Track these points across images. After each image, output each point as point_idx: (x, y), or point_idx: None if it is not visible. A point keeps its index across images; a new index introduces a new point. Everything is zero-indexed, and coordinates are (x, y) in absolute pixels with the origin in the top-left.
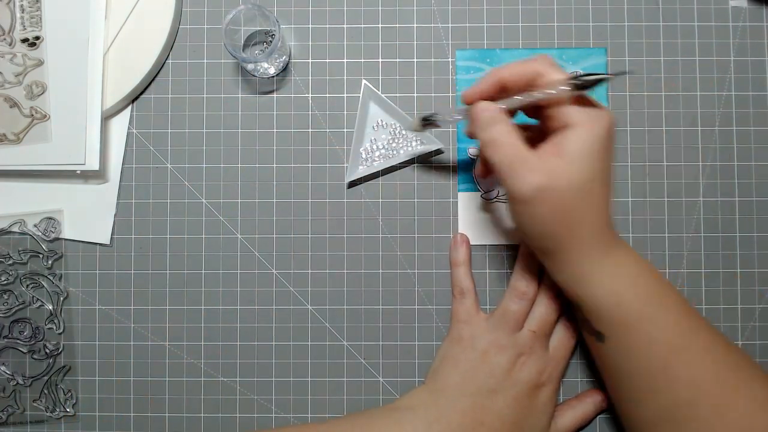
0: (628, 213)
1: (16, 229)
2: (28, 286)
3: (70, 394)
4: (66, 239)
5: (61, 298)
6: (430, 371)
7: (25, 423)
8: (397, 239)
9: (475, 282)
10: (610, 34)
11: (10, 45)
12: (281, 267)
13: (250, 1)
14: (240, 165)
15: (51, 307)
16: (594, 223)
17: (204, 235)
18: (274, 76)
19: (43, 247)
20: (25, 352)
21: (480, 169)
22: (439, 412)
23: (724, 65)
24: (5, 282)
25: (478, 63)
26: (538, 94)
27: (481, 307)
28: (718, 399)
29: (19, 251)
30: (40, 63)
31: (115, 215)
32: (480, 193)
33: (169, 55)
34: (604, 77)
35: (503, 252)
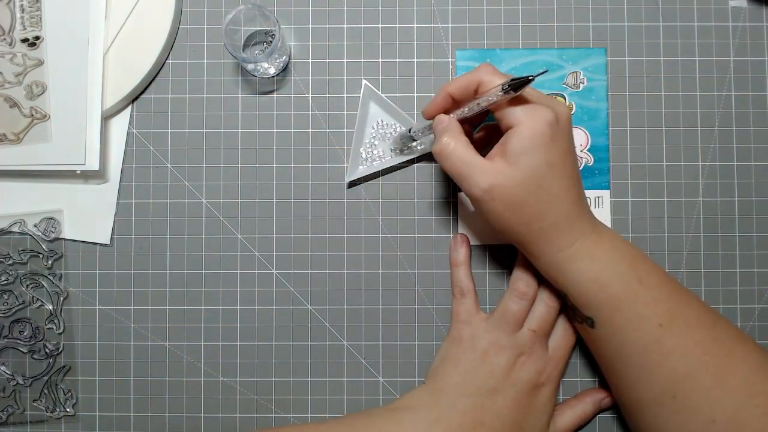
0: (628, 213)
1: (16, 229)
2: (28, 286)
3: (70, 394)
4: (66, 239)
5: (61, 298)
6: (430, 371)
7: (25, 423)
8: (397, 239)
9: (475, 282)
10: (610, 34)
11: (10, 45)
12: (281, 267)
13: (250, 1)
14: (240, 165)
15: (51, 307)
16: (553, 215)
17: (204, 235)
18: (274, 76)
19: (43, 247)
20: (25, 352)
21: None
22: (440, 412)
23: (724, 65)
24: (5, 282)
25: (478, 63)
26: (481, 102)
27: (481, 307)
28: (716, 367)
29: (19, 251)
30: (40, 63)
31: (115, 215)
32: None
33: (169, 55)
34: (529, 78)
35: (503, 252)
